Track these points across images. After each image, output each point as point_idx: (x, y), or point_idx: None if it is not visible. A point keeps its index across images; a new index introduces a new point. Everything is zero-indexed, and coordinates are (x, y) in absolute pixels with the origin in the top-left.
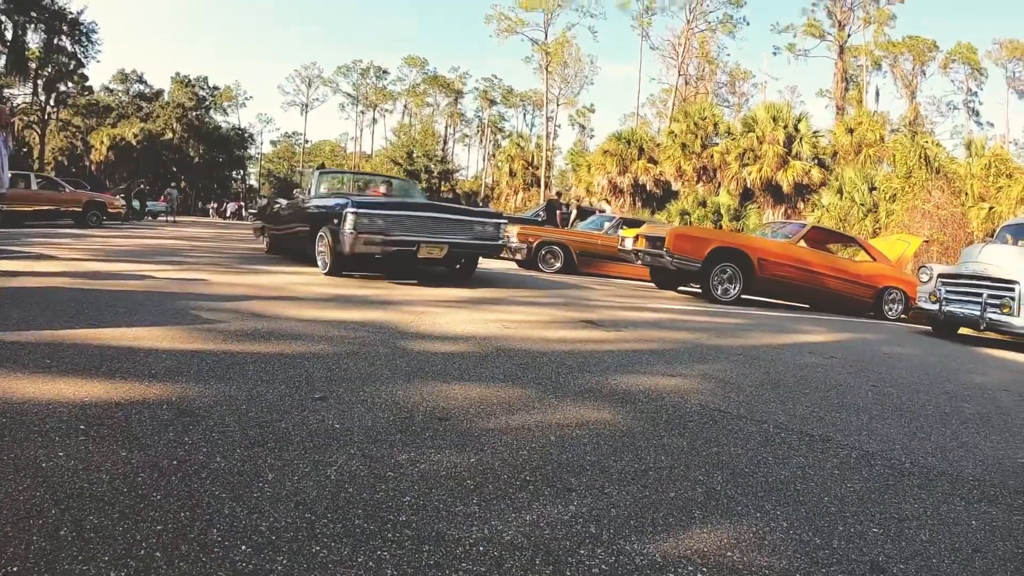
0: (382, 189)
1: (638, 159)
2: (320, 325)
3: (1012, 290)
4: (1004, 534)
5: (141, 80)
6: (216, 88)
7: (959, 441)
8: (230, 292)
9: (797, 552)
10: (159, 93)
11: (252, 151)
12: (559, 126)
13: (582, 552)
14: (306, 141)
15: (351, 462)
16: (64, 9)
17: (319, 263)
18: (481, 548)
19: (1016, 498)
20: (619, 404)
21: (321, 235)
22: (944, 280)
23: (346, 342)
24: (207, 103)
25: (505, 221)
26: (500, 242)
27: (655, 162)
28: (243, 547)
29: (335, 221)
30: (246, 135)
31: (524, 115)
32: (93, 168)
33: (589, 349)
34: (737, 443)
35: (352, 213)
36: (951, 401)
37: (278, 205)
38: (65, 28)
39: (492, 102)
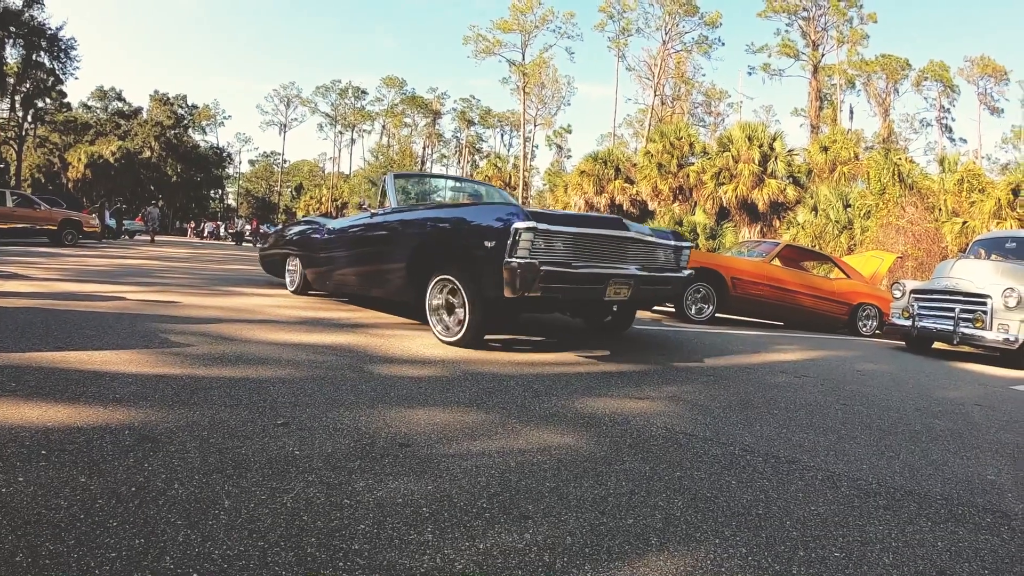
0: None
1: (615, 179)
2: (288, 349)
3: (984, 304)
4: (970, 555)
5: (120, 97)
6: (195, 107)
7: (928, 459)
8: (201, 314)
9: None
10: (138, 111)
11: (230, 170)
12: (536, 146)
13: None
14: (284, 161)
15: (308, 489)
16: (43, 25)
17: (440, 321)
18: None
19: (984, 517)
20: (583, 428)
21: (442, 278)
22: (917, 296)
23: (313, 366)
24: (186, 122)
25: (690, 245)
26: (687, 275)
27: (632, 182)
28: (194, 575)
29: (486, 243)
30: (224, 154)
31: (502, 135)
32: (70, 185)
33: (558, 372)
34: (701, 467)
35: (527, 230)
36: (922, 418)
37: (321, 227)
38: (44, 44)
39: (470, 122)
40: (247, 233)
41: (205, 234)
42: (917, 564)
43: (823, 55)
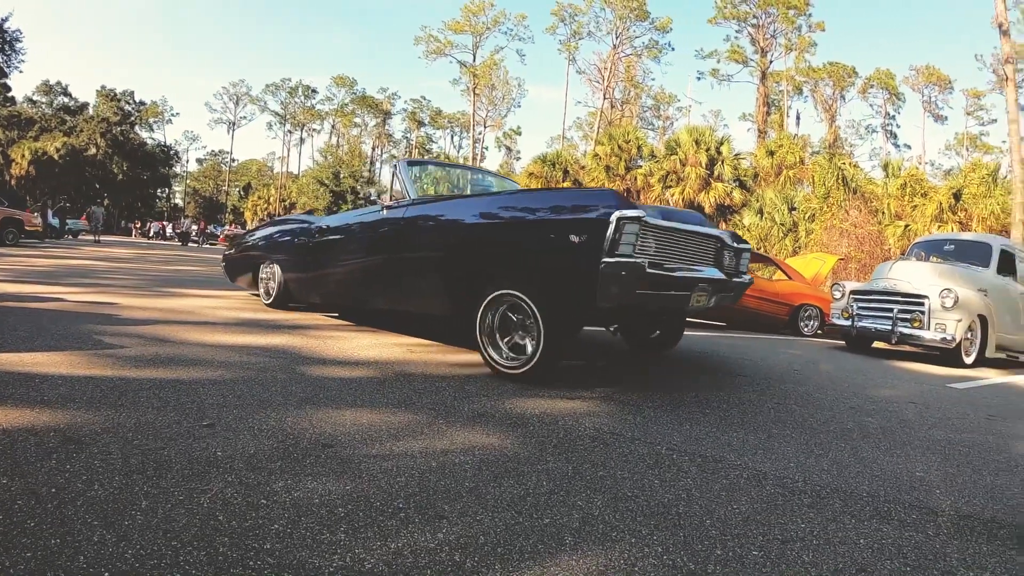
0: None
1: (563, 181)
2: (223, 350)
3: (922, 304)
4: (893, 552)
5: (66, 92)
6: (142, 103)
7: (858, 457)
8: (139, 316)
9: None
10: (84, 107)
11: (177, 169)
12: (486, 148)
13: None
14: (233, 160)
15: (227, 490)
16: None
17: (493, 345)
18: None
19: (910, 514)
20: (510, 429)
21: (500, 293)
22: (856, 296)
23: (245, 368)
24: (133, 118)
25: (750, 248)
26: (747, 280)
27: (580, 184)
28: (106, 574)
29: (571, 238)
30: (172, 152)
31: (452, 136)
32: (13, 183)
33: (490, 372)
34: (625, 466)
35: (632, 220)
36: (855, 416)
37: (308, 226)
38: None
39: (420, 123)
40: (193, 233)
41: (151, 234)
42: (837, 562)
43: (771, 62)
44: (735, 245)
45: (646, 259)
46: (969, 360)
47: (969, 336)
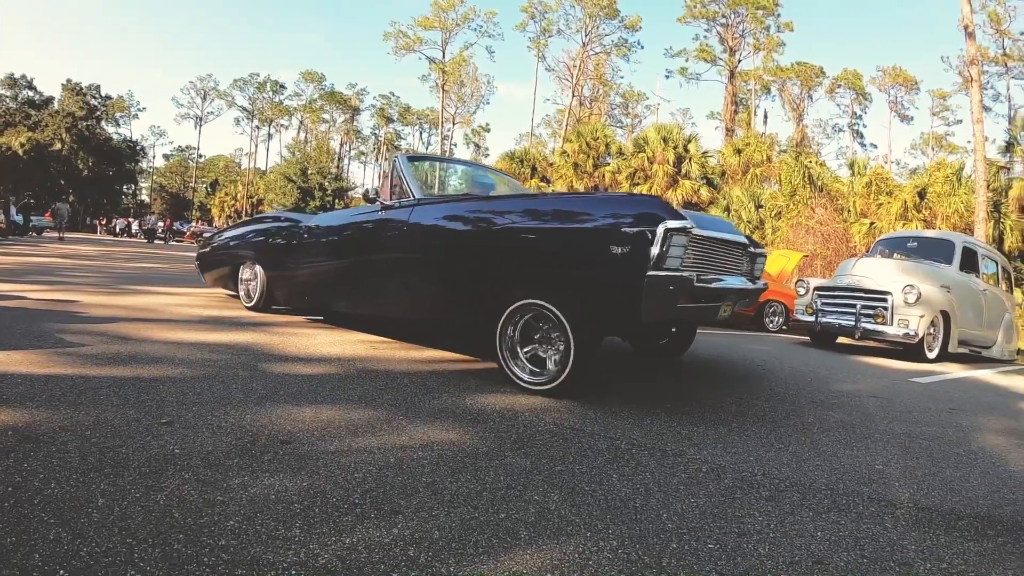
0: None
1: (531, 178)
2: (184, 348)
3: (885, 300)
4: (850, 544)
5: (30, 86)
6: (109, 98)
7: (817, 450)
8: (102, 314)
9: (621, 572)
10: (49, 101)
11: (144, 165)
12: (455, 144)
13: (394, 575)
14: (200, 156)
15: (183, 487)
16: None
17: (515, 359)
18: (293, 572)
19: (868, 506)
20: (470, 424)
21: (525, 304)
22: (820, 293)
23: (206, 365)
24: (99, 113)
25: (765, 252)
26: (763, 286)
27: (548, 181)
28: (61, 571)
29: (612, 249)
30: (138, 148)
31: (421, 133)
32: None
33: (453, 369)
34: (583, 461)
35: (680, 231)
36: (816, 410)
37: (295, 224)
38: None
39: (389, 119)
40: (159, 230)
41: (118, 231)
42: (793, 554)
43: (740, 61)
44: (753, 251)
45: (694, 272)
46: (932, 355)
47: (932, 331)
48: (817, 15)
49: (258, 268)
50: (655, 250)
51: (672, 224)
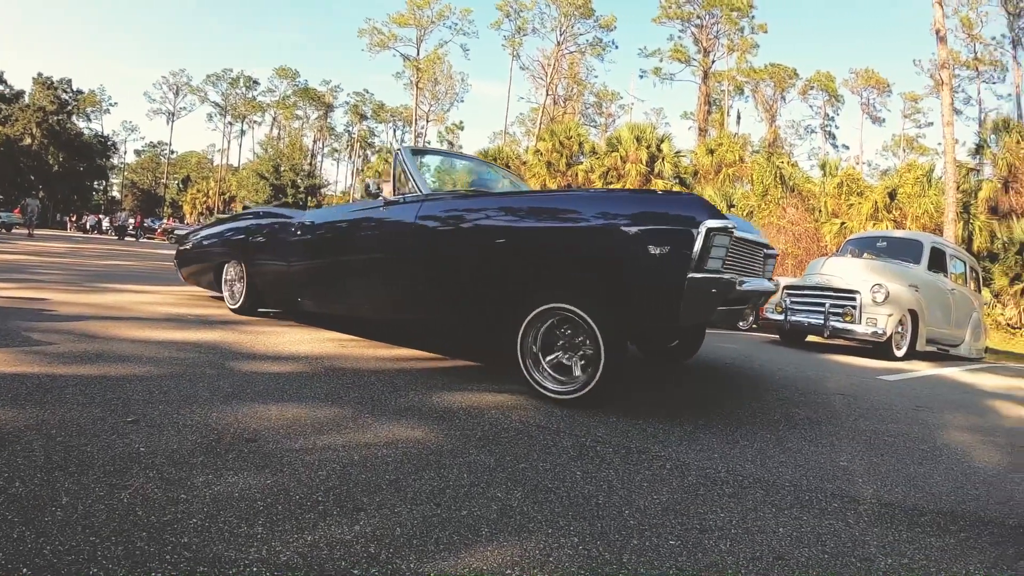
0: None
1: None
2: (152, 346)
3: (853, 299)
4: (812, 540)
5: (1, 80)
6: (80, 92)
7: (783, 447)
8: (70, 312)
9: (582, 568)
10: (19, 95)
11: (115, 161)
12: (428, 142)
13: (355, 572)
14: (172, 152)
15: (147, 485)
16: None
17: (537, 367)
18: (254, 569)
19: (831, 502)
20: (436, 422)
21: (549, 308)
22: (789, 291)
23: (174, 363)
24: (70, 108)
25: (776, 253)
26: (774, 286)
27: (522, 179)
28: (24, 570)
29: (651, 250)
30: (109, 143)
31: (394, 130)
32: None
33: (421, 367)
34: (548, 458)
35: (722, 231)
36: (783, 407)
37: (287, 220)
38: None
39: (363, 117)
40: (130, 227)
41: (88, 228)
42: (755, 550)
43: (714, 62)
44: (768, 252)
45: (734, 275)
46: (900, 353)
47: (900, 330)
48: (791, 17)
49: (244, 267)
50: (696, 251)
51: (714, 224)
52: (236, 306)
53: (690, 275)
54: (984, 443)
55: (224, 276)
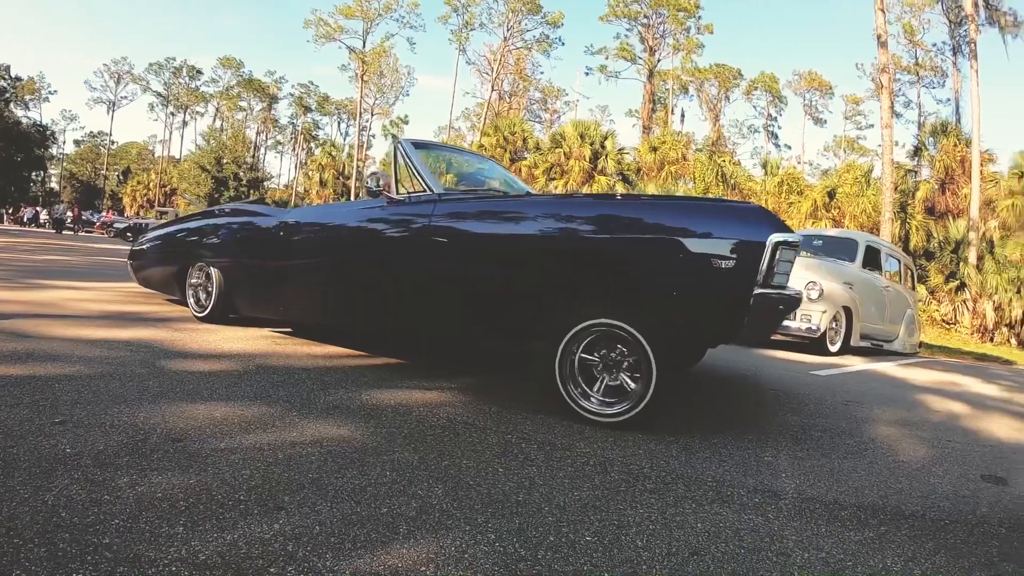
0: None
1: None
2: (84, 345)
3: None
4: (730, 535)
5: None
6: (19, 79)
7: (708, 443)
8: (1, 310)
9: (496, 565)
10: None
11: (54, 151)
12: (373, 136)
13: (272, 570)
14: (112, 142)
15: (72, 486)
16: None
17: (577, 388)
18: (173, 568)
19: (752, 497)
20: (363, 420)
21: (592, 324)
22: None
23: (104, 363)
24: (7, 95)
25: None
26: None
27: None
28: None
29: (715, 264)
30: (48, 133)
31: (339, 124)
32: None
33: (353, 364)
34: (471, 455)
35: (789, 245)
36: (712, 403)
37: (266, 219)
38: None
39: (307, 109)
40: (68, 220)
41: (25, 220)
42: (671, 545)
43: (659, 60)
44: None
45: (800, 291)
46: (834, 348)
47: (834, 326)
48: (737, 18)
49: (213, 271)
50: (764, 265)
51: (780, 237)
52: (204, 314)
53: (757, 291)
54: (911, 437)
55: (188, 280)
